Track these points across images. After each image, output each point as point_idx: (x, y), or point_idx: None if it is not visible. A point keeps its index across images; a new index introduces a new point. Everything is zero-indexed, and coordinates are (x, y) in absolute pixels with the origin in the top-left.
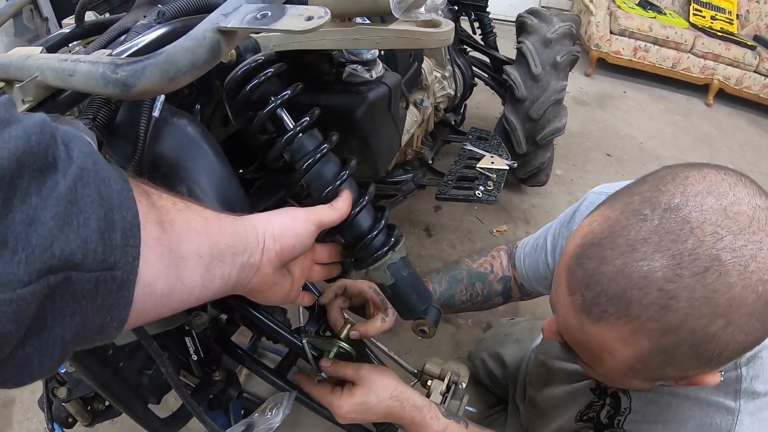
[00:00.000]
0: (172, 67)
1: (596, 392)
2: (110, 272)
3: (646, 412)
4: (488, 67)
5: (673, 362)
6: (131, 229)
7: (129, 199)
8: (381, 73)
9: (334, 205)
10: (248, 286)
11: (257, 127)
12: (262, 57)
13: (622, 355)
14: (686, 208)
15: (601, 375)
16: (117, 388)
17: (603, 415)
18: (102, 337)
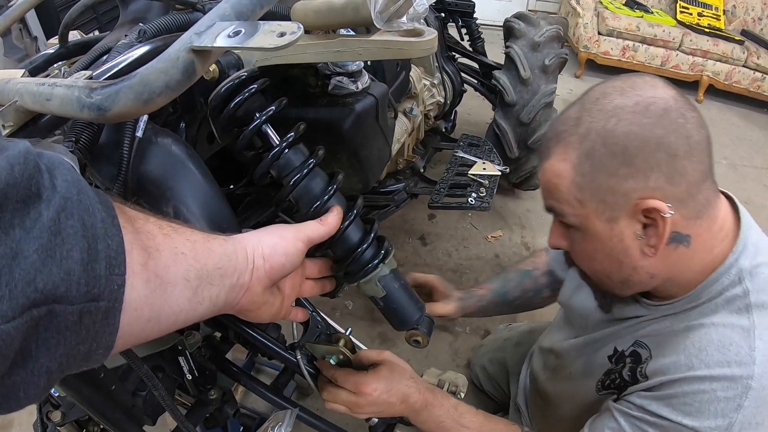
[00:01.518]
0: (146, 89)
1: (614, 359)
2: (94, 303)
3: (666, 352)
4: (477, 73)
5: (599, 167)
6: (116, 257)
7: (114, 227)
8: (367, 84)
9: (322, 220)
10: (238, 305)
11: (243, 144)
12: (246, 73)
13: (565, 172)
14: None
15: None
16: (110, 412)
17: (626, 374)
18: (89, 363)
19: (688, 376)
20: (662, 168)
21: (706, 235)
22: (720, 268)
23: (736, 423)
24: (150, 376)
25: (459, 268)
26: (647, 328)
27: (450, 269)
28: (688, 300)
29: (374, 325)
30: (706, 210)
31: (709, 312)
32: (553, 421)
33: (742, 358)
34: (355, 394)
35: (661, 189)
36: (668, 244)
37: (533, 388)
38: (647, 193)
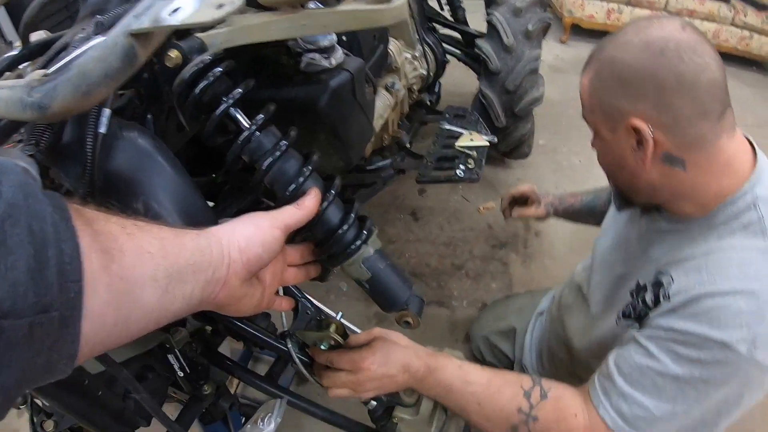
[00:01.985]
0: (84, 81)
1: (635, 293)
2: (46, 314)
3: (689, 274)
4: (460, 43)
5: (603, 86)
6: (70, 263)
7: (68, 231)
8: (341, 60)
9: (299, 204)
10: (216, 300)
11: (210, 130)
12: (210, 56)
13: (586, 86)
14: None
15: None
16: (99, 419)
17: (649, 299)
18: (53, 374)
19: (711, 290)
20: (650, 97)
21: (705, 164)
22: (736, 194)
23: (759, 335)
24: (131, 380)
25: (452, 241)
26: (667, 255)
27: (443, 243)
28: (705, 220)
29: (370, 305)
30: (703, 144)
31: (726, 235)
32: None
33: (762, 273)
34: (354, 373)
35: (649, 114)
36: (663, 163)
37: (548, 336)
38: (636, 115)
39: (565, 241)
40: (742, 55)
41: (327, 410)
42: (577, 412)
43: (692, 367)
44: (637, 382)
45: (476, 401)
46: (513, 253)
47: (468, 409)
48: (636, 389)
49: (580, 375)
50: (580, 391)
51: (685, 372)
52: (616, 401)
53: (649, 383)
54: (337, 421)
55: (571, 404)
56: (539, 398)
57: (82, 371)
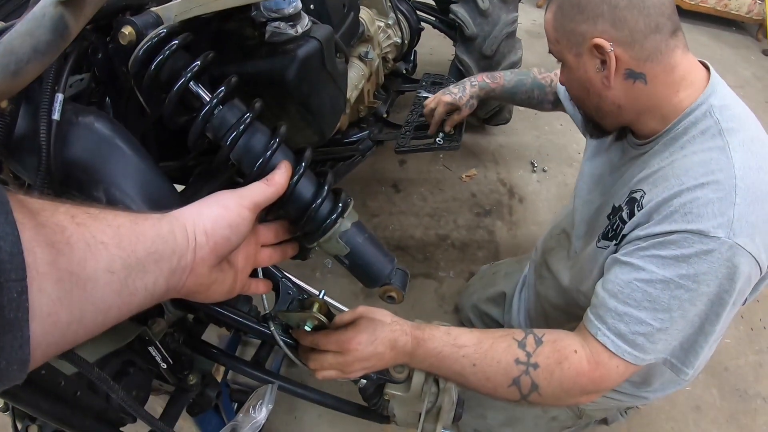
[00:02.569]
0: (11, 58)
1: (611, 215)
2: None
3: (658, 185)
4: (434, 10)
5: (564, 14)
6: (11, 260)
7: (7, 225)
8: (308, 27)
9: (269, 179)
10: (183, 289)
11: (170, 108)
12: (164, 30)
13: (549, 19)
14: None
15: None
16: (79, 421)
17: (625, 215)
18: (4, 383)
19: (679, 190)
20: (606, 16)
21: (663, 77)
22: (692, 105)
23: (735, 219)
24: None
25: (436, 212)
26: (638, 175)
27: (427, 214)
28: (666, 133)
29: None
30: (658, 57)
31: (687, 144)
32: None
33: (723, 165)
34: (341, 353)
35: (607, 32)
36: (626, 80)
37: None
38: (596, 35)
39: (549, 207)
40: (722, 16)
41: (318, 392)
42: (576, 348)
43: (678, 266)
44: (630, 298)
45: (470, 363)
46: (498, 221)
47: (464, 373)
48: (630, 306)
49: (573, 314)
50: (575, 332)
51: (672, 273)
52: (613, 323)
53: (640, 296)
54: (328, 402)
55: (569, 343)
56: (535, 345)
57: (56, 372)
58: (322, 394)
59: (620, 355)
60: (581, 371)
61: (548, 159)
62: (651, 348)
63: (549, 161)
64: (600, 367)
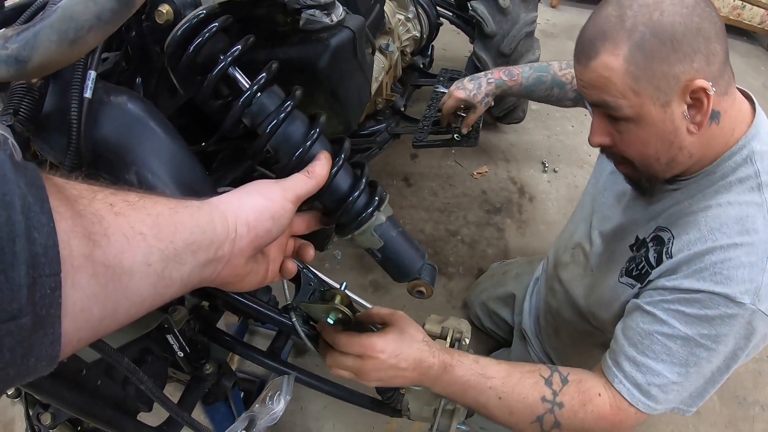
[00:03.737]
0: (71, 25)
1: (635, 247)
2: (14, 322)
3: (688, 229)
4: (452, 5)
5: (651, 55)
6: (46, 254)
7: (43, 215)
8: (342, 17)
9: (310, 172)
10: (217, 279)
11: (208, 92)
12: (204, 11)
13: (618, 66)
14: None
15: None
16: (99, 410)
17: (651, 257)
18: (32, 377)
19: (711, 246)
20: (702, 51)
21: (730, 112)
22: (734, 147)
23: (762, 285)
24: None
25: (446, 207)
26: (667, 211)
27: (437, 209)
28: (704, 175)
29: (365, 273)
30: (730, 88)
31: (723, 190)
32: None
33: (758, 226)
34: (361, 358)
35: (703, 70)
36: (709, 121)
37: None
38: (693, 75)
39: (559, 207)
40: (735, 25)
41: (332, 384)
42: (600, 392)
43: (700, 325)
44: (649, 349)
45: (496, 395)
46: (508, 219)
47: (488, 405)
48: (648, 357)
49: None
50: (597, 371)
51: (693, 331)
52: (630, 372)
53: (660, 348)
54: (342, 394)
55: (593, 384)
56: (561, 384)
57: (78, 361)
58: (336, 386)
59: (634, 404)
60: (603, 414)
61: (559, 159)
62: (663, 399)
63: (559, 162)
64: (620, 412)
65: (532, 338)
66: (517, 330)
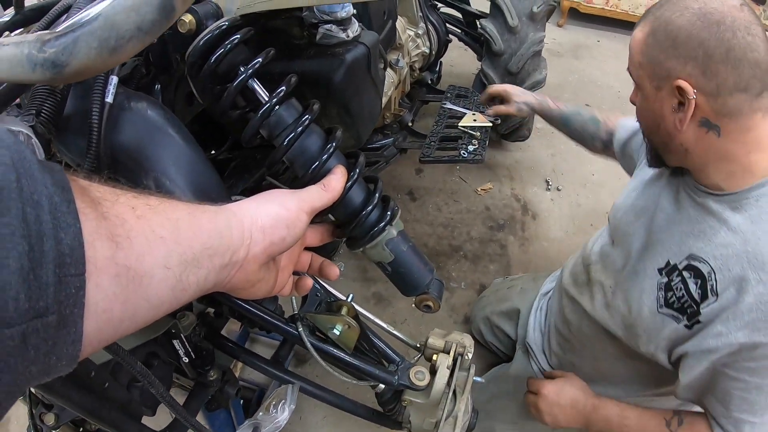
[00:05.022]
0: (112, 33)
1: (665, 271)
2: (41, 320)
3: (730, 266)
4: (461, 23)
5: (657, 43)
6: (71, 254)
7: (69, 215)
8: (357, 32)
9: (326, 185)
10: (229, 285)
11: (227, 102)
12: (226, 23)
13: (639, 39)
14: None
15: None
16: (106, 412)
17: (693, 290)
18: (51, 376)
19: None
20: (698, 62)
21: (736, 135)
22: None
23: None
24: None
25: (450, 222)
26: (698, 235)
27: (441, 224)
28: (736, 199)
29: (368, 285)
30: (738, 116)
31: (758, 219)
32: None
33: None
34: (536, 396)
35: (695, 77)
36: (699, 127)
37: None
38: (683, 76)
39: (561, 225)
40: None
41: (335, 394)
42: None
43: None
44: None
45: None
46: (511, 236)
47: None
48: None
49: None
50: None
51: None
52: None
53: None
54: (345, 405)
55: (703, 428)
56: (677, 425)
57: (88, 362)
58: (338, 396)
59: None
60: None
61: (562, 178)
62: None
63: (563, 180)
64: None
65: (537, 353)
66: (520, 343)
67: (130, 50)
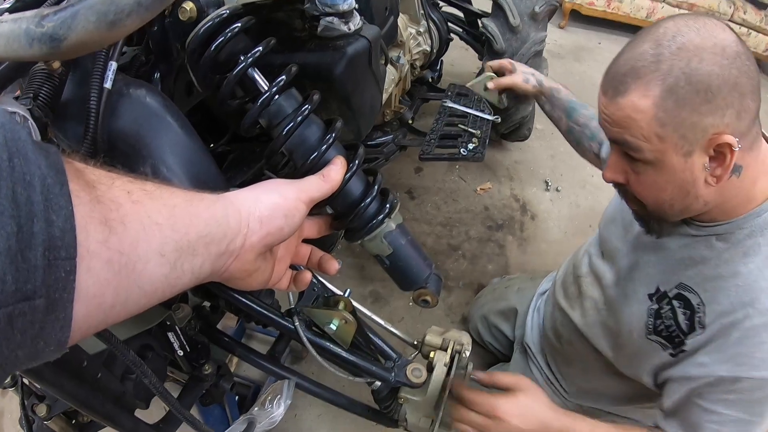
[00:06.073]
0: (111, 7)
1: (655, 297)
2: (28, 302)
3: (720, 300)
4: (462, 22)
5: (683, 103)
6: (62, 237)
7: (62, 197)
8: (359, 26)
9: (325, 175)
10: (225, 274)
11: (227, 91)
12: (227, 11)
13: (646, 108)
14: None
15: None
16: (98, 404)
17: (683, 322)
18: (39, 361)
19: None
20: (735, 106)
21: (753, 165)
22: (764, 204)
23: None
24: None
25: (449, 221)
26: (691, 267)
27: (439, 223)
28: (731, 227)
29: (365, 283)
30: (757, 142)
31: (752, 251)
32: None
33: None
34: (489, 418)
35: (732, 124)
36: None
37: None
38: (721, 129)
39: (560, 226)
40: None
41: (332, 391)
42: None
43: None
44: None
45: None
46: (509, 236)
47: None
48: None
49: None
50: None
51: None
52: None
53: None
54: (340, 402)
55: None
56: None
57: (81, 352)
58: (335, 393)
59: None
60: None
61: (562, 179)
62: None
63: (562, 181)
64: None
65: (536, 353)
66: (517, 343)
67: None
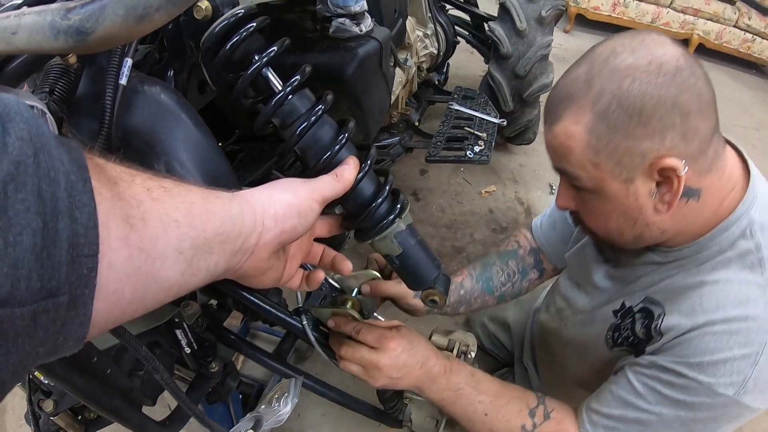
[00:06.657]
0: (140, 1)
1: (619, 314)
2: (52, 300)
3: (681, 307)
4: (469, 25)
5: (615, 128)
6: (85, 234)
7: (85, 194)
8: (370, 27)
9: (338, 175)
10: (239, 271)
11: (241, 90)
12: (242, 10)
13: (578, 135)
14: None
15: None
16: (107, 399)
17: (638, 329)
18: (55, 356)
19: (704, 332)
20: (677, 127)
21: (715, 186)
22: (730, 218)
23: (750, 378)
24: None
25: (453, 224)
26: (659, 284)
27: (444, 225)
28: (698, 247)
29: None
30: (716, 163)
31: (721, 266)
32: (564, 378)
33: (759, 312)
34: (376, 351)
35: (676, 147)
36: (680, 199)
37: (541, 342)
38: (663, 153)
39: None
40: (744, 58)
41: (337, 390)
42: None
43: (677, 409)
44: (623, 416)
45: (483, 411)
46: None
47: (473, 418)
48: (620, 422)
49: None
50: (575, 414)
51: (669, 412)
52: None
53: (632, 418)
54: (345, 401)
55: (571, 428)
56: (542, 418)
57: (91, 347)
58: (340, 393)
59: None
60: None
61: None
62: None
63: None
64: None
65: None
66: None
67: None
